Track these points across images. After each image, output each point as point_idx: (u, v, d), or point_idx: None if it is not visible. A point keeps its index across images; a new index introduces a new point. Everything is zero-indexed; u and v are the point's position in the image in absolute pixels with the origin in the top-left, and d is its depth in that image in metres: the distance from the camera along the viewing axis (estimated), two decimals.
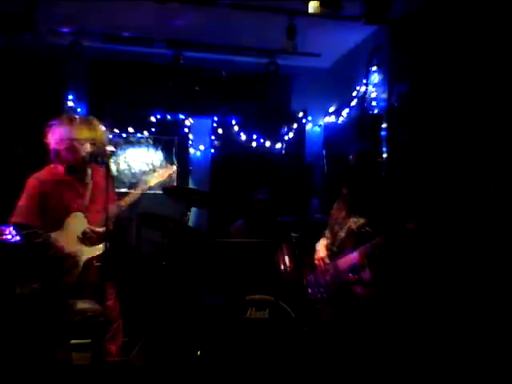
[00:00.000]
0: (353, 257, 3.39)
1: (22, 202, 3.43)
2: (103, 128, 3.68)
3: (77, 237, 3.45)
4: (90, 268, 3.44)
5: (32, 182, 3.47)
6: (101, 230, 3.41)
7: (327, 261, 3.62)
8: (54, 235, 3.37)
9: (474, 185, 3.39)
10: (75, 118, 3.56)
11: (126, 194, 3.79)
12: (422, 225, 3.15)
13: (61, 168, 3.53)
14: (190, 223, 5.49)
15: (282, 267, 4.16)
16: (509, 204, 3.16)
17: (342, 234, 3.56)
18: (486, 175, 3.34)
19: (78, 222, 3.49)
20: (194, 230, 4.69)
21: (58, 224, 3.43)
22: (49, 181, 3.48)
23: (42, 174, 3.53)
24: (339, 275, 3.48)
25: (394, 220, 3.26)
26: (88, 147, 3.46)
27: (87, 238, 3.45)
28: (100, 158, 3.35)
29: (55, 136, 3.44)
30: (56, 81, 5.61)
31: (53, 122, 3.47)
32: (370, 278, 3.33)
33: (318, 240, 3.85)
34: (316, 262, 3.69)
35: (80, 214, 3.49)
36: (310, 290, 3.71)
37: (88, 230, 3.46)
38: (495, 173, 3.28)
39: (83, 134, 3.45)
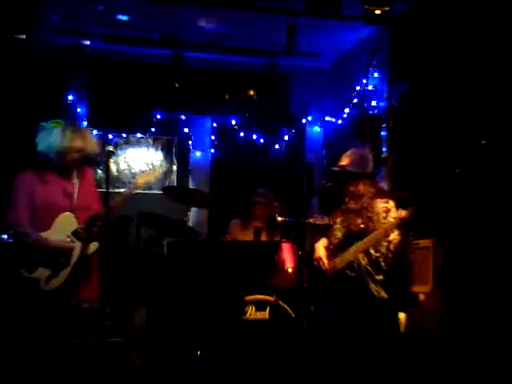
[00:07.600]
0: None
1: (10, 200, 3.42)
2: (93, 138, 3.68)
3: (67, 236, 3.44)
4: (81, 267, 3.44)
5: (19, 179, 3.46)
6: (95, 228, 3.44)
7: (325, 260, 3.62)
8: (44, 234, 3.36)
9: (475, 184, 3.39)
10: (66, 126, 3.53)
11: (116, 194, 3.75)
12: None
13: (47, 168, 3.49)
14: (190, 223, 5.50)
15: (284, 267, 4.17)
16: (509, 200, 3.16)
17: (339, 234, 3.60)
18: (486, 174, 3.34)
19: (67, 222, 3.47)
20: (194, 230, 4.69)
21: (48, 223, 3.42)
22: (36, 180, 3.45)
23: (29, 172, 3.49)
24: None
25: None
26: (76, 156, 3.44)
27: (78, 238, 3.46)
28: (88, 161, 3.47)
29: (44, 140, 3.43)
30: (56, 81, 5.61)
31: (43, 125, 3.46)
32: None
33: (317, 240, 3.85)
34: (315, 261, 3.69)
35: (70, 214, 3.49)
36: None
37: (80, 230, 3.45)
38: (495, 170, 3.28)
39: (73, 143, 3.44)
